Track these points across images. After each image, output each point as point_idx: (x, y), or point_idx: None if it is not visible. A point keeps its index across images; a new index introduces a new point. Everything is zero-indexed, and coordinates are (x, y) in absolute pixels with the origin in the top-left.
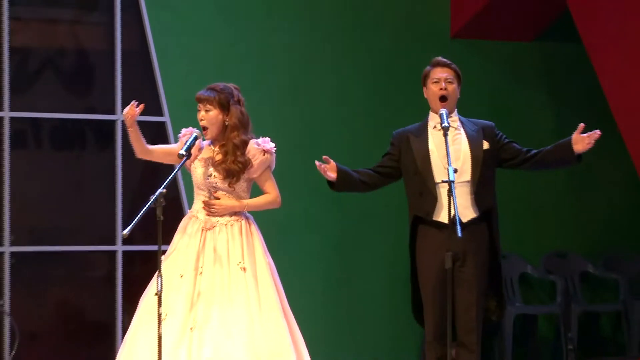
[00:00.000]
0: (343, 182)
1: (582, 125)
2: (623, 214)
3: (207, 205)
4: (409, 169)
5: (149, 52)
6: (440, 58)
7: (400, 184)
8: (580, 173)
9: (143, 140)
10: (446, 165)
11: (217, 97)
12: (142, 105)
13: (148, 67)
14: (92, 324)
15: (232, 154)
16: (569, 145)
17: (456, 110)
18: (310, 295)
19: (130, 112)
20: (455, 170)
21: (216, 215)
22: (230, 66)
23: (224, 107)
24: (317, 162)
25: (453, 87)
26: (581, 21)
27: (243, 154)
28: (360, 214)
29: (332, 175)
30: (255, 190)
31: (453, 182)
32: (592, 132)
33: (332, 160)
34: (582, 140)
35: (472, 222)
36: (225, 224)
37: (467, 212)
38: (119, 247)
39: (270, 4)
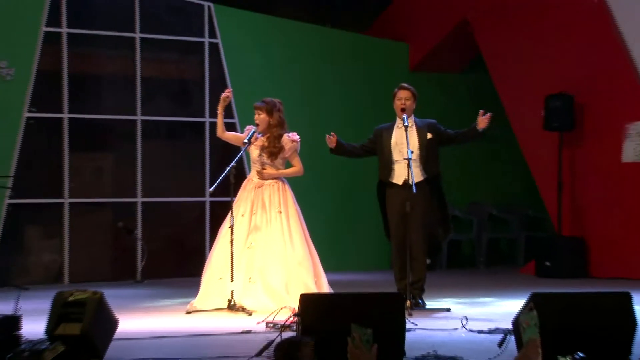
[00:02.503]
0: (338, 149)
1: (481, 111)
2: (516, 178)
3: (259, 173)
4: (380, 151)
5: (225, 79)
6: (404, 84)
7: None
8: (487, 152)
9: (223, 125)
10: (402, 150)
11: (265, 106)
12: (230, 93)
13: (225, 88)
14: (190, 246)
15: (273, 142)
16: (475, 125)
17: (413, 115)
18: (323, 225)
19: (227, 94)
20: (412, 152)
21: (264, 179)
22: (277, 87)
23: (270, 113)
24: (327, 135)
25: (410, 103)
26: (489, 59)
27: (279, 142)
28: (354, 177)
29: (333, 145)
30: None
31: (411, 159)
32: (487, 114)
33: (336, 136)
34: (482, 121)
35: (419, 183)
36: (269, 184)
37: (416, 178)
38: (207, 199)
39: (291, 53)
